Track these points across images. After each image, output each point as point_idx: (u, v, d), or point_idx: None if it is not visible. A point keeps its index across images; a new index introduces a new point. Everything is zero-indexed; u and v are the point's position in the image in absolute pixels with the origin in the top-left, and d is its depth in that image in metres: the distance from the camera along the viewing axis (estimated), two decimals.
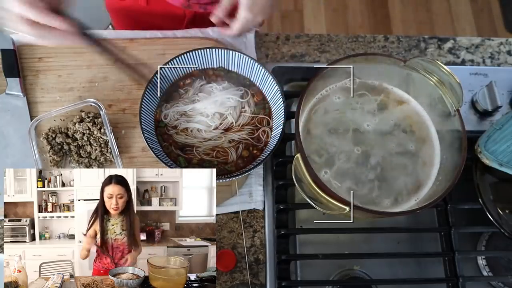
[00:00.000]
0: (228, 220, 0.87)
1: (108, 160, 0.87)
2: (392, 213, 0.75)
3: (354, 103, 0.83)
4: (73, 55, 0.92)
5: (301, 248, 0.91)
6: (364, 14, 2.33)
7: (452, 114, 0.77)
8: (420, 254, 0.93)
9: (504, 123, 0.85)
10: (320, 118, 0.81)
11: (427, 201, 0.73)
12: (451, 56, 1.03)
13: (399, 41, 1.03)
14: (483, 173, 0.85)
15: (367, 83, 0.84)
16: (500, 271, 0.89)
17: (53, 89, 0.90)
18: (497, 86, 0.92)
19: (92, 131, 0.86)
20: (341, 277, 0.89)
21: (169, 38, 0.96)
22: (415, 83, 0.82)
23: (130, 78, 0.88)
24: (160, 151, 0.80)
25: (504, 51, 1.04)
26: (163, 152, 0.80)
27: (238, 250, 0.85)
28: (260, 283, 0.83)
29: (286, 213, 0.89)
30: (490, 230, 0.90)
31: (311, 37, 1.02)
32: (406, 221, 0.94)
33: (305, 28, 2.27)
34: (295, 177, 0.72)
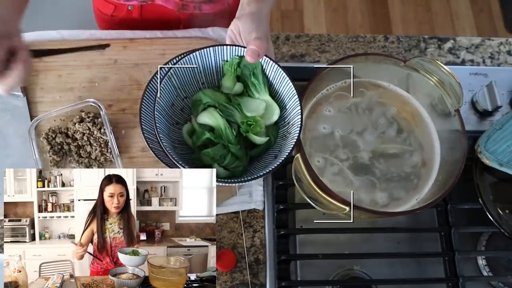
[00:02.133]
0: (228, 220, 0.87)
1: (108, 160, 0.87)
2: (392, 213, 0.75)
3: (354, 103, 0.83)
4: (73, 55, 0.92)
5: (301, 248, 0.91)
6: (364, 14, 2.33)
7: (452, 114, 0.77)
8: (420, 254, 0.93)
9: (504, 123, 0.85)
10: (320, 118, 0.81)
11: (427, 201, 0.74)
12: (451, 56, 1.03)
13: (399, 41, 1.03)
14: (483, 173, 0.85)
15: (367, 83, 0.84)
16: (500, 271, 0.89)
17: (53, 89, 0.90)
18: (497, 86, 0.92)
19: (92, 131, 0.86)
20: (341, 277, 0.89)
21: (169, 38, 0.96)
22: (415, 83, 0.82)
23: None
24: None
25: (504, 51, 1.04)
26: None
27: (238, 250, 0.85)
28: (260, 283, 0.83)
29: (286, 213, 0.89)
30: (490, 230, 0.90)
31: (311, 37, 1.02)
32: (406, 221, 0.94)
33: (305, 28, 2.27)
34: (295, 177, 0.72)
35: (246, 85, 0.78)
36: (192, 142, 0.78)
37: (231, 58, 0.76)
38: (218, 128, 0.75)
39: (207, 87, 0.80)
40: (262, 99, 0.77)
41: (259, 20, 0.72)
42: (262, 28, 0.71)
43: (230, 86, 0.78)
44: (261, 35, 0.70)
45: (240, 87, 0.78)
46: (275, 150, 0.77)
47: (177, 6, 0.94)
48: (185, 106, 0.80)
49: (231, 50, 0.75)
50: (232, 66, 0.76)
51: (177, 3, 0.93)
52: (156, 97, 0.73)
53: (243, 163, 0.75)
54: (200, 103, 0.77)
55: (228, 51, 0.75)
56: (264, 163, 0.76)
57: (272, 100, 0.77)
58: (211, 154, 0.73)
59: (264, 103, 0.76)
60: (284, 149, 0.73)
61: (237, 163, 0.74)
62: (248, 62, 0.72)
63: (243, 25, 0.72)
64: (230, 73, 0.77)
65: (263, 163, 0.77)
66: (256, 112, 0.76)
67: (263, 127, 0.76)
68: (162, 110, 0.75)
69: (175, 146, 0.76)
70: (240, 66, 0.76)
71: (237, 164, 0.74)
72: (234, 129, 0.75)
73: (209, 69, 0.78)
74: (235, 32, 0.74)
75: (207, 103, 0.77)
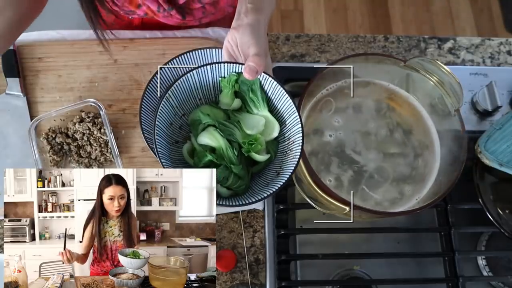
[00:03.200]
0: (228, 220, 0.87)
1: (108, 160, 0.87)
2: (392, 213, 0.75)
3: (354, 103, 0.83)
4: (73, 55, 0.92)
5: (301, 248, 0.91)
6: (364, 14, 2.33)
7: (452, 114, 0.77)
8: (420, 254, 0.93)
9: (504, 123, 0.85)
10: (321, 118, 0.81)
11: (427, 201, 0.74)
12: (451, 56, 1.03)
13: (399, 41, 1.03)
14: (483, 173, 0.85)
15: (367, 83, 0.84)
16: (500, 271, 0.89)
17: (53, 89, 0.90)
18: (497, 86, 0.92)
19: (92, 131, 0.86)
20: (341, 277, 0.89)
21: (169, 38, 0.96)
22: (415, 83, 0.82)
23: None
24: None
25: (504, 51, 1.04)
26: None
27: (238, 250, 0.85)
28: (260, 283, 0.83)
29: (286, 213, 0.90)
30: (490, 230, 0.90)
31: (311, 37, 1.02)
32: (406, 221, 0.94)
33: (305, 28, 2.27)
34: (295, 177, 0.72)
35: (244, 101, 0.76)
36: (194, 162, 0.76)
37: (229, 74, 0.75)
38: (219, 149, 0.73)
39: (204, 103, 0.79)
40: (261, 115, 0.76)
41: (258, 33, 0.70)
42: (261, 43, 0.69)
43: (228, 102, 0.76)
44: (260, 51, 0.68)
45: (239, 103, 0.77)
46: (275, 166, 0.76)
47: (179, 23, 0.94)
48: (183, 124, 0.78)
49: (229, 67, 0.73)
50: (229, 82, 0.75)
51: (179, 22, 0.93)
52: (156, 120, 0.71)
53: (245, 182, 0.74)
54: (200, 123, 0.75)
55: (226, 68, 0.73)
56: (265, 180, 0.75)
57: (272, 116, 0.76)
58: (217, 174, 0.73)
59: (264, 119, 0.75)
60: (286, 167, 0.72)
61: (240, 183, 0.73)
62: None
63: (241, 38, 0.70)
64: (228, 89, 0.75)
65: (264, 179, 0.75)
66: (256, 128, 0.75)
67: (263, 144, 0.75)
68: (161, 131, 0.73)
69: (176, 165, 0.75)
70: (238, 82, 0.75)
71: (240, 183, 0.73)
72: (236, 149, 0.73)
73: (206, 85, 0.76)
74: (232, 44, 0.72)
75: (206, 123, 0.76)
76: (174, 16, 0.90)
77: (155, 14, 0.90)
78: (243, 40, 0.70)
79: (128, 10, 0.90)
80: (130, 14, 0.93)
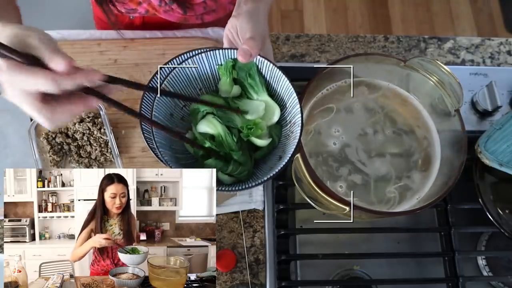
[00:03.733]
0: (228, 220, 0.87)
1: (108, 160, 0.87)
2: (392, 213, 0.75)
3: (354, 103, 0.83)
4: (73, 55, 0.91)
5: (301, 248, 0.91)
6: (364, 14, 2.33)
7: (452, 114, 0.77)
8: (420, 254, 0.93)
9: (504, 123, 0.85)
10: (320, 118, 0.81)
11: (427, 201, 0.74)
12: (451, 56, 1.03)
13: (399, 41, 1.03)
14: (483, 173, 0.85)
15: (367, 83, 0.84)
16: (500, 271, 0.89)
17: None
18: (497, 86, 0.92)
19: (92, 131, 0.86)
20: (341, 277, 0.89)
21: (169, 38, 0.96)
22: (415, 83, 0.82)
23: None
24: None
25: (504, 51, 1.04)
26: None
27: (238, 250, 0.85)
28: (260, 283, 0.83)
29: (286, 213, 0.90)
30: (490, 230, 0.90)
31: (311, 37, 1.02)
32: (406, 221, 0.94)
33: (305, 28, 2.27)
34: (295, 177, 0.72)
35: (243, 87, 0.77)
36: (194, 151, 0.77)
37: (225, 61, 0.75)
38: (218, 136, 0.73)
39: (205, 93, 0.79)
40: (261, 99, 0.76)
41: (256, 19, 0.71)
42: (258, 28, 0.70)
43: (228, 90, 0.77)
44: (255, 34, 0.69)
45: (238, 89, 0.77)
46: (279, 151, 0.76)
47: (180, 19, 0.94)
48: (184, 114, 0.78)
49: (224, 53, 0.73)
50: (227, 69, 0.75)
51: (180, 17, 0.93)
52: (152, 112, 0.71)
53: (247, 168, 0.74)
54: (199, 111, 0.76)
55: (221, 55, 0.73)
56: (269, 165, 0.75)
57: (272, 100, 0.76)
58: (213, 164, 0.73)
59: (264, 104, 0.76)
60: (287, 150, 0.72)
61: (241, 169, 0.73)
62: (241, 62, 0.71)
63: (240, 24, 0.71)
64: (226, 77, 0.76)
65: (269, 164, 0.75)
66: (256, 113, 0.75)
67: (264, 128, 0.75)
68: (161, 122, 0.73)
69: (177, 156, 0.75)
70: (235, 68, 0.75)
71: (241, 169, 0.73)
72: (235, 135, 0.74)
73: (204, 75, 0.77)
74: (232, 31, 0.73)
75: (205, 111, 0.76)
76: (175, 11, 0.90)
77: (156, 10, 0.89)
78: (242, 26, 0.70)
79: (129, 9, 0.90)
80: (131, 13, 0.93)
